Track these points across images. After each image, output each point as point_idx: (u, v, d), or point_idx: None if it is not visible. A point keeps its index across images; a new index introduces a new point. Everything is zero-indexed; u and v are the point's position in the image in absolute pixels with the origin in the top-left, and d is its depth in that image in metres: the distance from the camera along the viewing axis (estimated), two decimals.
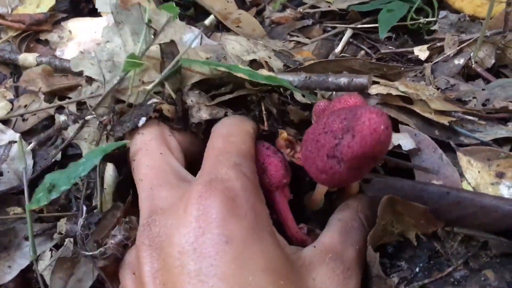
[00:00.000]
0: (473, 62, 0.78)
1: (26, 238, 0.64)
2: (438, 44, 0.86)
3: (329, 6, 1.02)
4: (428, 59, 0.86)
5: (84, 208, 0.54)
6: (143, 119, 0.56)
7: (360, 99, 0.51)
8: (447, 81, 0.78)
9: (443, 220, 0.54)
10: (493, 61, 0.80)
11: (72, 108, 0.73)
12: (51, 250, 0.61)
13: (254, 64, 0.77)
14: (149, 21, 0.62)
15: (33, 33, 0.94)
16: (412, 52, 0.89)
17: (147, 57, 0.66)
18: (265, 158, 0.56)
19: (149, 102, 0.56)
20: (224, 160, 0.49)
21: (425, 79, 0.80)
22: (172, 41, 0.66)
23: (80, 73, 0.72)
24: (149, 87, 0.57)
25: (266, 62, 0.80)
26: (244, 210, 0.44)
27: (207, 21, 0.60)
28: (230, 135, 0.54)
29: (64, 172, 0.50)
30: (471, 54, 0.79)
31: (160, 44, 0.65)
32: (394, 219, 0.56)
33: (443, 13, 0.93)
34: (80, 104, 0.78)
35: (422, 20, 0.98)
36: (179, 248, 0.41)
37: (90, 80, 0.69)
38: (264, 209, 0.49)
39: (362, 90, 0.64)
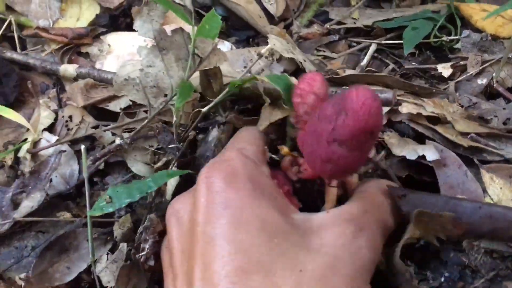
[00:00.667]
0: (494, 82, 0.83)
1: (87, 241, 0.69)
2: (461, 63, 0.90)
3: (354, 23, 1.07)
4: (451, 77, 0.90)
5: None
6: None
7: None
8: (470, 99, 0.82)
9: (467, 225, 0.58)
10: None
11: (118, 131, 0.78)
12: (107, 253, 0.66)
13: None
14: (195, 48, 0.66)
15: (75, 46, 0.99)
16: (435, 69, 0.93)
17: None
18: None
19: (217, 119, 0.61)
20: (229, 147, 0.59)
21: (449, 96, 0.84)
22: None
23: None
24: (204, 109, 0.61)
25: (301, 63, 0.84)
26: (242, 182, 0.50)
27: (263, 50, 0.64)
28: (240, 134, 0.63)
29: (127, 187, 0.56)
30: (493, 74, 0.83)
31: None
32: (421, 230, 0.60)
33: (465, 32, 0.97)
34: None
35: (445, 38, 1.02)
36: (193, 218, 0.50)
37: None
38: (266, 180, 0.54)
39: (387, 105, 0.68)
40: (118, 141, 0.68)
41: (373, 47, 1.02)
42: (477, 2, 1.08)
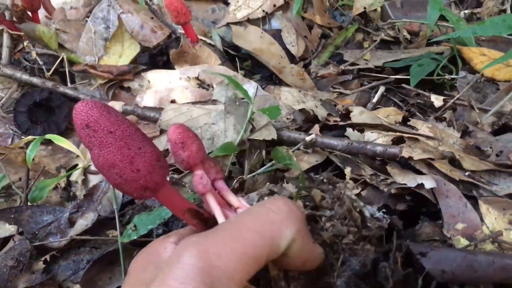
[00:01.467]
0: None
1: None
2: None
3: (366, 64, 1.19)
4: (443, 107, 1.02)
5: None
6: None
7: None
8: (467, 126, 0.93)
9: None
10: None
11: None
12: None
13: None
14: (252, 119, 0.80)
15: (118, 81, 1.12)
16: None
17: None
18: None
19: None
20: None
21: (447, 123, 0.95)
22: None
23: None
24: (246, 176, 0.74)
25: (313, 110, 0.97)
26: None
27: (308, 138, 0.77)
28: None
29: (149, 215, 0.68)
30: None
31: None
32: None
33: (462, 73, 1.09)
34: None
35: (447, 76, 1.14)
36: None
37: None
38: None
39: (395, 158, 0.79)
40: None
41: (382, 88, 1.13)
42: (478, 46, 1.20)
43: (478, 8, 1.38)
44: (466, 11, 1.38)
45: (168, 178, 0.64)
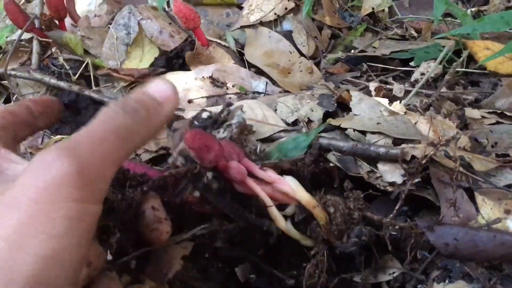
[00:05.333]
0: None
1: None
2: None
3: (374, 51, 1.24)
4: None
5: None
6: None
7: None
8: (466, 119, 0.97)
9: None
10: None
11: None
12: None
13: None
14: None
15: (139, 84, 1.19)
16: None
17: None
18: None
19: None
20: None
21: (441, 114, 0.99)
22: None
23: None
24: None
25: (308, 117, 0.96)
26: None
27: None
28: None
29: None
30: None
31: None
32: None
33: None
34: None
35: (451, 70, 1.18)
36: None
37: None
38: None
39: (396, 159, 0.82)
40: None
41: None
42: (483, 39, 1.23)
43: (485, 5, 1.41)
44: (473, 9, 1.40)
45: None
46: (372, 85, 1.08)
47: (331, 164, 0.85)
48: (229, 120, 0.83)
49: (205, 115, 0.83)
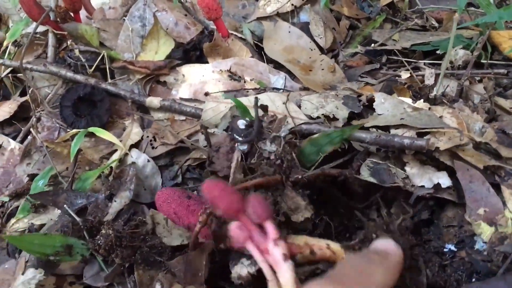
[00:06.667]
0: None
1: None
2: None
3: (394, 44, 1.20)
4: None
5: None
6: None
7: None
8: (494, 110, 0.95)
9: None
10: None
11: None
12: None
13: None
14: None
15: (155, 76, 1.18)
16: None
17: None
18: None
19: None
20: None
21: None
22: None
23: (198, 116, 0.96)
24: None
25: (333, 114, 0.96)
26: None
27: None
28: None
29: None
30: None
31: None
32: None
33: None
34: None
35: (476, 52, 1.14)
36: None
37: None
38: None
39: (422, 150, 0.80)
40: None
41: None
42: (509, 29, 1.19)
43: None
44: None
45: None
46: (404, 73, 1.05)
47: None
48: (275, 131, 0.82)
49: (241, 124, 0.82)
